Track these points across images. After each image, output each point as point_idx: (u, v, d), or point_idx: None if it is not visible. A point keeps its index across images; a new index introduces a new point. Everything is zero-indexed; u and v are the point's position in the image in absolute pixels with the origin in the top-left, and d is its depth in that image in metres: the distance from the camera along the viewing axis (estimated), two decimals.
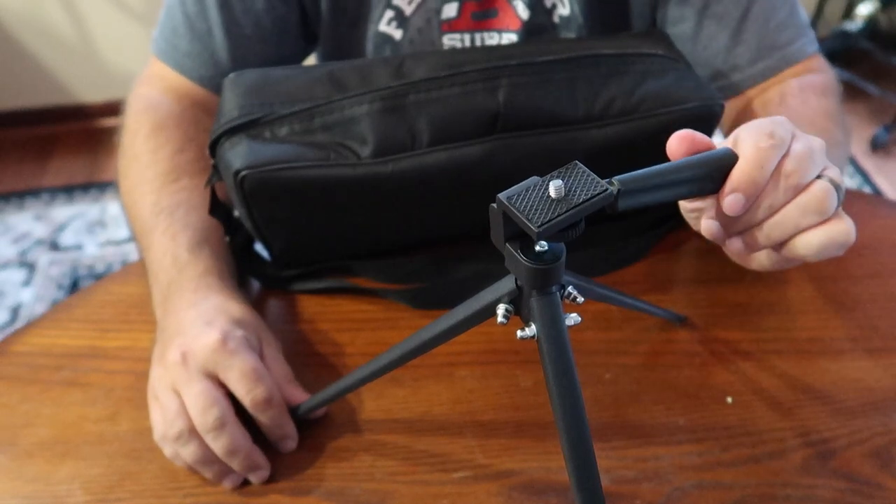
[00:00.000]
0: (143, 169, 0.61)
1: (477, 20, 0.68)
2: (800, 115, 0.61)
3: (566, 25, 0.67)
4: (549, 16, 0.67)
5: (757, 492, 0.47)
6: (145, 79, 0.70)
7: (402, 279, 0.62)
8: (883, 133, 2.02)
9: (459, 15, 0.67)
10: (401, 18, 0.67)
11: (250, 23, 0.66)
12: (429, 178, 0.54)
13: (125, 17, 2.04)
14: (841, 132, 0.62)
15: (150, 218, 0.58)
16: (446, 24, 0.67)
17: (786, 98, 0.63)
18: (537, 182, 0.32)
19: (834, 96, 0.65)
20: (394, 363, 0.44)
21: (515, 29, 0.68)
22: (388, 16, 0.67)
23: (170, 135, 0.63)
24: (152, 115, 0.65)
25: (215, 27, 0.65)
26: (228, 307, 0.52)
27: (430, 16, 0.67)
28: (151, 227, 0.57)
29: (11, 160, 2.15)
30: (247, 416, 0.49)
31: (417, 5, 0.66)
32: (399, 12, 0.67)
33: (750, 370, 0.55)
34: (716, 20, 0.65)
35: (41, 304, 1.71)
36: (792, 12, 0.66)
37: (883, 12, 2.19)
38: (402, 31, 0.67)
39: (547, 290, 0.36)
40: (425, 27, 0.67)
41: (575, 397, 0.36)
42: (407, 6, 0.66)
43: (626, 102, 0.56)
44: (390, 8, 0.66)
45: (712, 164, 0.36)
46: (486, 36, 0.69)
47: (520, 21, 0.67)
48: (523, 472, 0.49)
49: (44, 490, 0.49)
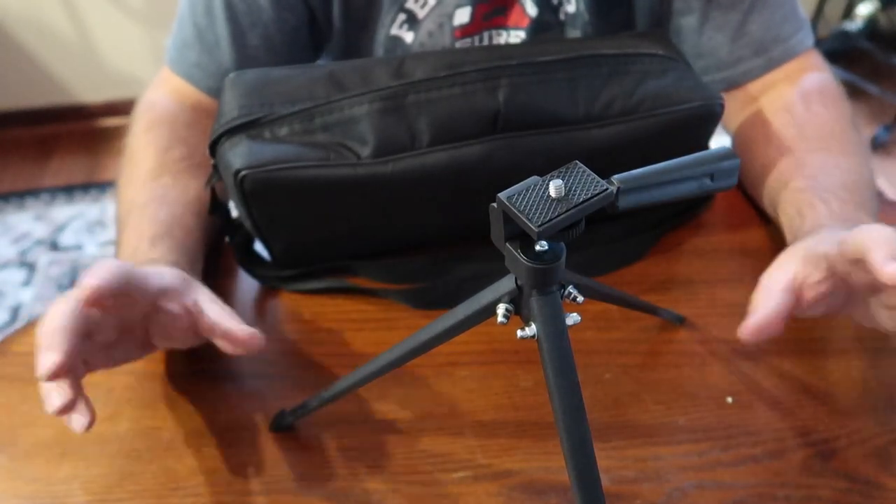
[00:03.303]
0: (132, 167, 0.62)
1: (486, 19, 0.67)
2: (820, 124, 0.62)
3: (573, 22, 0.67)
4: (555, 13, 0.67)
5: (757, 492, 0.47)
6: (156, 84, 0.70)
7: (402, 279, 0.62)
8: (883, 133, 2.02)
9: (472, 20, 0.67)
10: (412, 22, 0.67)
11: (258, 35, 0.66)
12: (429, 178, 0.54)
13: (125, 17, 2.04)
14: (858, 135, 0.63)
15: (125, 214, 0.59)
16: (459, 29, 0.67)
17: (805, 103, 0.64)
18: (537, 182, 0.32)
19: (844, 98, 0.66)
20: (394, 363, 0.44)
21: (524, 26, 0.68)
22: (400, 19, 0.67)
23: (160, 133, 0.64)
24: (149, 115, 0.66)
25: (223, 39, 0.65)
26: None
27: (443, 21, 0.66)
28: (125, 223, 0.58)
29: (11, 160, 2.15)
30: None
31: (430, 9, 0.66)
32: (411, 16, 0.67)
33: (750, 370, 0.54)
34: (722, 11, 0.65)
35: (41, 304, 1.71)
36: (794, 5, 0.67)
37: (883, 12, 2.19)
38: (412, 33, 0.67)
39: (547, 290, 0.36)
40: (437, 31, 0.67)
41: (575, 397, 0.36)
42: (420, 10, 0.66)
43: (626, 102, 0.56)
44: (403, 11, 0.66)
45: (711, 162, 0.36)
46: (495, 34, 0.68)
47: (528, 18, 0.67)
48: (523, 472, 0.49)
49: (44, 490, 0.49)
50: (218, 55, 0.66)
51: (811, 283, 0.47)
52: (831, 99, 0.65)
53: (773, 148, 0.63)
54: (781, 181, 0.60)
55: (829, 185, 0.57)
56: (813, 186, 0.57)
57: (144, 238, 0.55)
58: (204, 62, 0.67)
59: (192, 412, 0.53)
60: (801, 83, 0.66)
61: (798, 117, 0.63)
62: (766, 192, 0.63)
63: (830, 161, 0.59)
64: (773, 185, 0.61)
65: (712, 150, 0.37)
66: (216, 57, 0.66)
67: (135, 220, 0.57)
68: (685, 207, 0.66)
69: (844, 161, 0.60)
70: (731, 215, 0.68)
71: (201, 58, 0.67)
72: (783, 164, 0.61)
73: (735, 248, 0.64)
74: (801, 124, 0.63)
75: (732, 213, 0.68)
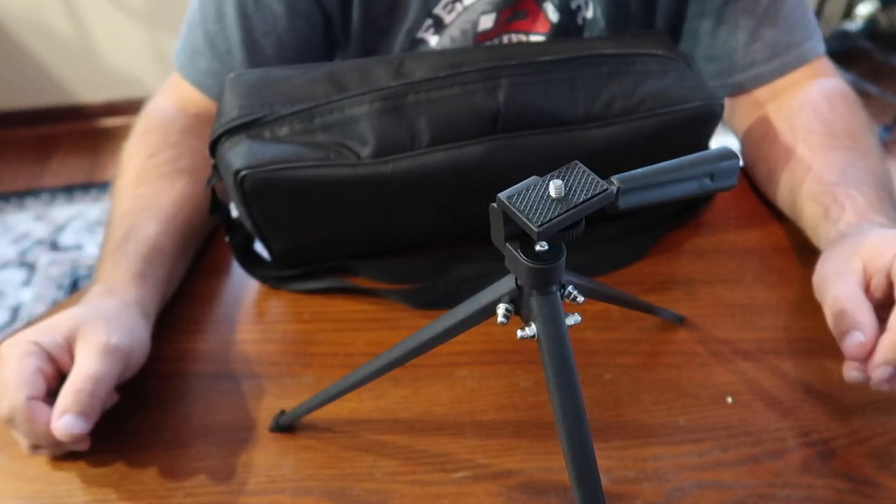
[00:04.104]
0: (120, 176, 0.63)
1: (508, 22, 0.67)
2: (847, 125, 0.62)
3: (590, 28, 0.67)
4: (574, 18, 0.67)
5: (757, 492, 0.47)
6: (165, 90, 0.70)
7: (402, 279, 0.62)
8: (883, 133, 2.02)
9: (495, 26, 0.67)
10: (439, 26, 0.66)
11: (271, 43, 0.65)
12: (429, 178, 0.54)
13: (125, 17, 2.04)
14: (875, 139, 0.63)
15: (107, 224, 0.60)
16: (482, 35, 0.67)
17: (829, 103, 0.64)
18: (537, 182, 0.32)
19: (858, 103, 0.65)
20: (394, 363, 0.44)
21: (544, 31, 0.67)
22: (426, 24, 0.66)
23: (150, 139, 0.64)
24: (145, 123, 0.66)
25: (235, 47, 0.65)
26: (79, 310, 0.51)
27: (467, 27, 0.66)
28: (105, 234, 0.59)
29: (11, 160, 2.15)
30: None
31: (457, 15, 0.66)
32: (438, 21, 0.66)
33: (750, 370, 0.54)
34: (737, 15, 0.65)
35: (41, 304, 1.70)
36: (805, 11, 0.67)
37: (883, 12, 2.19)
38: (437, 37, 0.67)
39: (547, 290, 0.36)
40: (460, 37, 0.67)
41: (575, 397, 0.36)
42: (447, 15, 0.66)
43: (626, 102, 0.56)
44: (430, 17, 0.66)
45: (711, 162, 0.36)
46: (514, 37, 0.68)
47: (549, 24, 0.67)
48: (523, 472, 0.49)
49: (44, 490, 0.49)
50: (230, 62, 0.66)
51: (877, 284, 0.46)
52: (854, 102, 0.65)
53: (798, 144, 0.62)
54: (809, 177, 0.59)
55: (859, 180, 0.56)
56: (843, 182, 0.56)
57: (107, 255, 0.57)
58: (215, 69, 0.66)
59: (192, 412, 0.53)
60: (822, 85, 0.66)
61: (824, 115, 0.63)
62: (785, 188, 0.62)
63: (859, 159, 0.59)
64: (796, 181, 0.60)
65: (712, 150, 0.37)
66: (227, 64, 0.66)
67: (106, 233, 0.59)
68: (685, 207, 0.66)
69: (870, 161, 0.59)
70: (730, 215, 0.68)
71: (212, 65, 0.66)
72: (810, 160, 0.60)
73: (735, 248, 0.64)
74: (829, 122, 0.62)
75: (732, 213, 0.68)
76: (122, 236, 0.57)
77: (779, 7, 0.65)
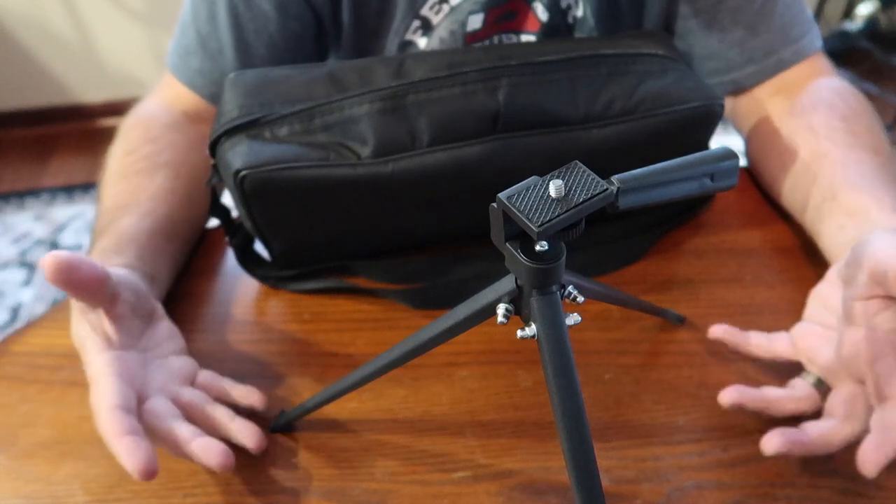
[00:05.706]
0: (103, 173, 0.63)
1: (498, 23, 0.67)
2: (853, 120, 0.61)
3: (581, 27, 0.67)
4: (564, 17, 0.67)
5: (757, 492, 0.47)
6: (157, 89, 0.70)
7: (402, 279, 0.62)
8: None
9: (484, 25, 0.67)
10: (426, 28, 0.67)
11: (263, 43, 0.65)
12: (429, 179, 0.54)
13: (125, 17, 2.04)
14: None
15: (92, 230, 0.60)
16: (471, 35, 0.67)
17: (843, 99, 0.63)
18: (537, 182, 0.32)
19: (868, 101, 0.65)
20: (394, 363, 0.44)
21: (534, 31, 0.67)
22: (414, 25, 0.66)
23: (131, 136, 0.64)
24: (130, 120, 0.66)
25: (227, 47, 0.65)
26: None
27: (455, 28, 0.66)
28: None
29: (11, 160, 2.15)
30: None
31: (445, 15, 0.66)
32: (426, 22, 0.66)
33: (750, 370, 0.54)
34: (731, 13, 0.65)
35: (41, 304, 1.71)
36: (802, 7, 0.66)
37: (883, 12, 2.19)
38: (426, 39, 0.67)
39: (547, 290, 0.36)
40: (448, 38, 0.67)
41: (575, 397, 0.36)
42: (434, 16, 0.66)
43: (626, 102, 0.56)
44: (417, 18, 0.66)
45: (711, 162, 0.36)
46: (505, 38, 0.68)
47: (539, 23, 0.67)
48: (523, 472, 0.49)
49: (44, 490, 0.49)
50: (221, 62, 0.66)
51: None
52: (864, 99, 0.64)
53: (822, 141, 0.60)
54: (840, 174, 0.57)
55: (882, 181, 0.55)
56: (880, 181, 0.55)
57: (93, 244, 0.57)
58: (207, 69, 0.66)
59: None
60: (829, 83, 0.65)
61: (841, 112, 0.62)
62: (804, 186, 0.60)
63: (888, 160, 0.58)
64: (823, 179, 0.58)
65: (712, 150, 0.37)
66: (219, 64, 0.66)
67: (91, 235, 0.59)
68: (685, 207, 0.66)
69: (888, 159, 0.58)
70: (731, 215, 0.68)
71: (204, 65, 0.66)
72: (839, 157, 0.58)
73: (735, 248, 0.64)
74: (847, 118, 0.61)
75: (732, 213, 0.68)
76: (97, 235, 0.57)
77: (774, 2, 0.64)
